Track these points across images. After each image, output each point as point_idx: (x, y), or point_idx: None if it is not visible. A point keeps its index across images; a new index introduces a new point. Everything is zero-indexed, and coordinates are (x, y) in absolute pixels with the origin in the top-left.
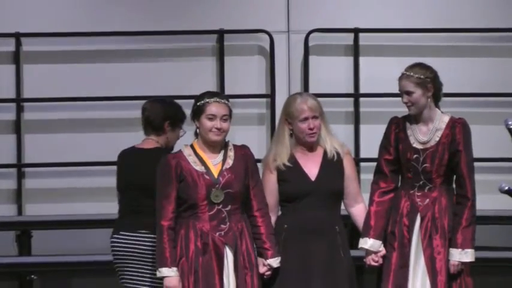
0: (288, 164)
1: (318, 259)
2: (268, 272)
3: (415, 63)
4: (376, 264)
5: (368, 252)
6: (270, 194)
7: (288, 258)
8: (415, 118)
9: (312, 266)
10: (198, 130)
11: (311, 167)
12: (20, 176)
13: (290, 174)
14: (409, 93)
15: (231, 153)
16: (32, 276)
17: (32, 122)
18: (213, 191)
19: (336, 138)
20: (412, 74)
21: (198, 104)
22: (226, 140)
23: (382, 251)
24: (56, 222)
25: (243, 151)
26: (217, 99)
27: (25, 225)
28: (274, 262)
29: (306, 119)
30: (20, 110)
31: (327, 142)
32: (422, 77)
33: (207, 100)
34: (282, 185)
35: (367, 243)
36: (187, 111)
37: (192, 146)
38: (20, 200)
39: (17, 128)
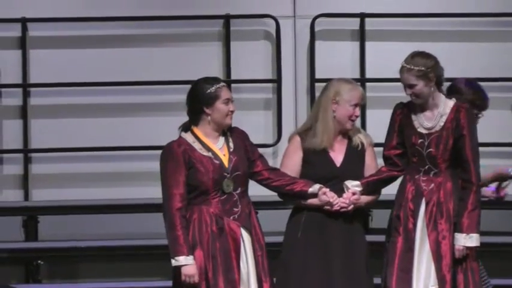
0: (322, 147)
1: (337, 245)
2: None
3: (415, 54)
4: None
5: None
6: (292, 173)
7: (308, 243)
8: (419, 104)
9: (332, 253)
10: (209, 117)
11: (337, 153)
12: (27, 161)
13: (316, 157)
14: (411, 86)
15: (229, 137)
16: (39, 261)
17: (38, 107)
18: (225, 181)
19: (360, 128)
20: (412, 67)
21: (209, 91)
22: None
23: (352, 190)
24: (63, 207)
25: (237, 132)
26: (224, 84)
27: (32, 211)
28: (317, 187)
29: (356, 105)
30: (26, 95)
31: (353, 131)
32: (423, 68)
33: (218, 86)
34: (305, 167)
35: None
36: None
37: (192, 133)
38: (26, 185)
39: (23, 113)
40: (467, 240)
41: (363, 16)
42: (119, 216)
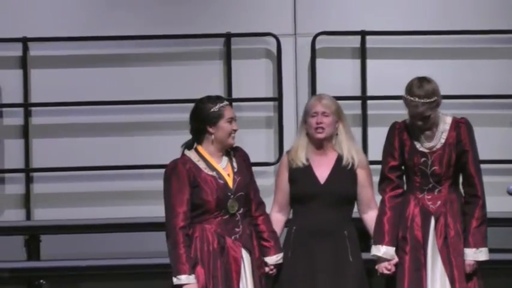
0: (300, 165)
1: (324, 263)
2: (272, 272)
3: (419, 83)
4: (388, 272)
5: (380, 259)
6: (282, 193)
7: (296, 262)
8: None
9: (319, 270)
10: (212, 136)
11: (322, 170)
12: (28, 181)
13: (300, 175)
14: (427, 117)
15: (232, 157)
16: (41, 281)
17: (40, 127)
18: (230, 202)
19: (356, 145)
20: (427, 100)
21: (212, 110)
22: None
23: (396, 258)
24: (65, 226)
25: (240, 152)
26: (227, 102)
27: (34, 230)
28: (275, 259)
29: (316, 113)
30: (27, 114)
31: (344, 148)
32: (436, 98)
33: (222, 104)
34: (291, 185)
35: (381, 250)
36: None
37: (197, 151)
38: (28, 205)
39: (25, 132)
40: (477, 254)
41: (363, 34)
42: (121, 235)
